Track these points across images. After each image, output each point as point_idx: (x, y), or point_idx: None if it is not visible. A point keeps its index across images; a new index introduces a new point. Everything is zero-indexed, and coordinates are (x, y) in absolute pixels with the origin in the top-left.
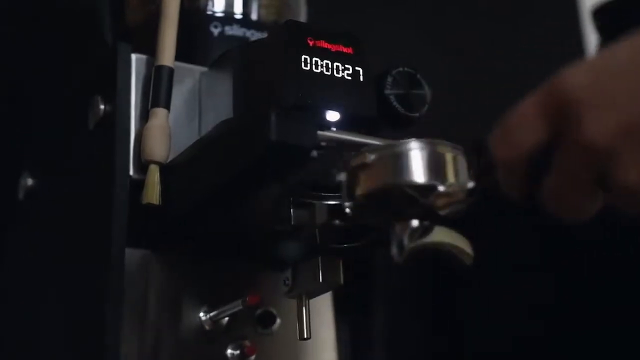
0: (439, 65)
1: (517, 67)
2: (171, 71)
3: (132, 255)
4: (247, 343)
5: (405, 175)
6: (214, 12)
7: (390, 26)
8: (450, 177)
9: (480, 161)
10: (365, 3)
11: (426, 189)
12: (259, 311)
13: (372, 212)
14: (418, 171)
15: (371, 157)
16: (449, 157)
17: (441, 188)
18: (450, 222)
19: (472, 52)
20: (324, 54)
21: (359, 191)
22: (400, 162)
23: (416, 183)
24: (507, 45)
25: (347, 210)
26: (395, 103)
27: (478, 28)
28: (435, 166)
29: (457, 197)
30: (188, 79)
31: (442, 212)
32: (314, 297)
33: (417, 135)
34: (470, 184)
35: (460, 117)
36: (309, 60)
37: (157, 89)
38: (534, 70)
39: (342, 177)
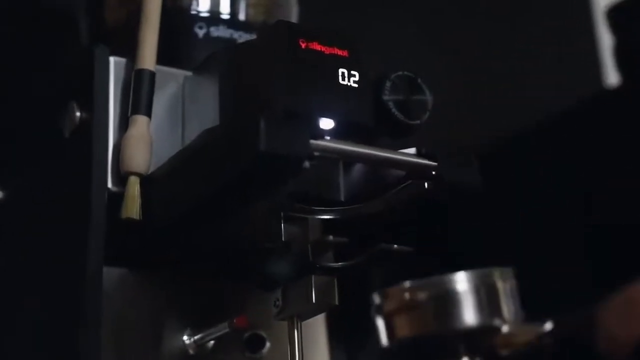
0: (442, 68)
1: (526, 70)
2: (152, 75)
3: (110, 274)
4: None
5: (457, 319)
6: (199, 12)
7: (389, 27)
8: (506, 312)
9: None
10: (362, 2)
11: (483, 332)
12: (247, 334)
13: (416, 354)
14: (470, 313)
15: (416, 296)
16: (501, 287)
17: (501, 327)
18: None
19: (478, 54)
20: (317, 57)
21: (404, 333)
22: (449, 304)
23: (471, 327)
24: (516, 48)
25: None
26: (394, 110)
27: (484, 29)
28: (489, 303)
29: (521, 338)
30: (171, 84)
31: (504, 352)
32: (307, 319)
33: (418, 144)
34: (546, 327)
35: (464, 124)
36: (301, 64)
37: (138, 94)
38: (545, 72)
39: (378, 316)
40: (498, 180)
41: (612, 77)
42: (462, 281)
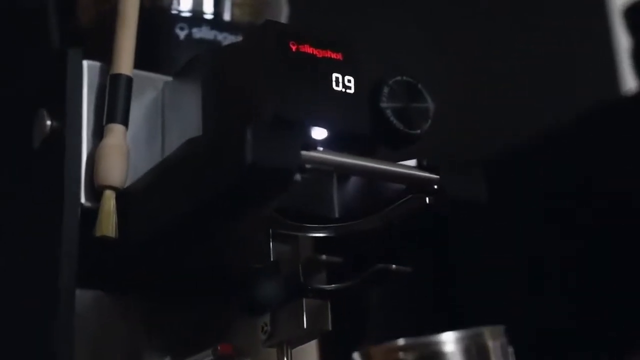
0: (444, 73)
1: (536, 74)
2: (129, 81)
3: (84, 296)
4: None
5: None
6: (180, 12)
7: (387, 28)
8: None
9: None
10: (357, 1)
11: None
12: None
13: None
14: None
15: (403, 357)
16: (491, 347)
17: None
18: None
19: (483, 57)
20: (308, 61)
21: None
22: None
23: None
24: (525, 50)
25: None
26: (392, 118)
27: (490, 30)
28: None
29: None
30: (149, 90)
31: None
32: (297, 346)
33: (418, 155)
34: None
35: (469, 134)
36: (291, 68)
37: (113, 101)
38: (556, 77)
39: None
40: (505, 193)
41: (629, 81)
42: (451, 342)
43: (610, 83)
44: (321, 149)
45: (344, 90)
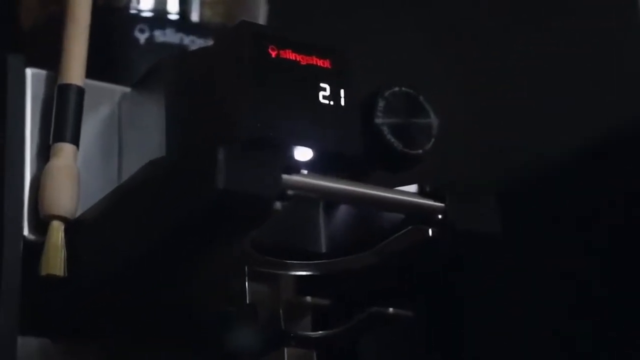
0: (450, 83)
1: (557, 86)
2: (81, 92)
3: (28, 344)
4: None
5: None
6: (140, 12)
7: (383, 31)
8: None
9: None
10: (349, 1)
11: None
12: None
13: None
14: None
15: None
16: None
17: None
18: None
19: (497, 66)
20: (291, 69)
21: None
22: None
23: None
24: (545, 58)
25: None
26: (389, 136)
27: (505, 35)
28: None
29: None
30: (104, 103)
31: None
32: None
33: (420, 180)
34: None
35: (480, 155)
36: (270, 77)
37: (62, 116)
38: (581, 90)
39: None
40: (522, 225)
41: None
42: None
43: None
44: (305, 172)
45: (332, 103)
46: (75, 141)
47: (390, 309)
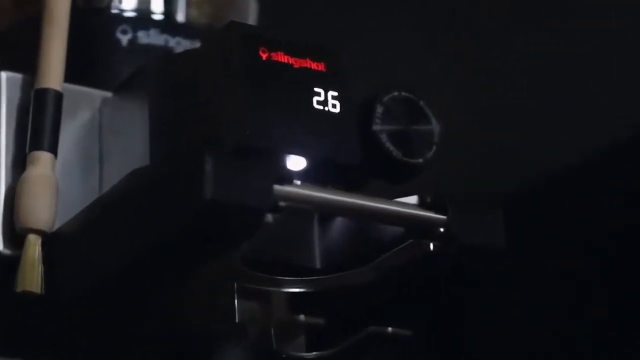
0: (453, 87)
1: (567, 89)
2: (59, 97)
3: None
4: None
5: None
6: (122, 12)
7: (382, 31)
8: None
9: None
10: (345, 0)
11: None
12: None
13: None
14: None
15: None
16: None
17: None
18: None
19: (503, 69)
20: (283, 72)
21: None
22: None
23: None
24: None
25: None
26: (388, 144)
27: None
28: None
29: None
30: (84, 109)
31: None
32: None
33: (421, 190)
34: None
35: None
36: (261, 81)
37: (39, 123)
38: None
39: None
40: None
41: None
42: None
43: None
44: (298, 182)
45: (327, 109)
46: (53, 149)
47: (389, 328)
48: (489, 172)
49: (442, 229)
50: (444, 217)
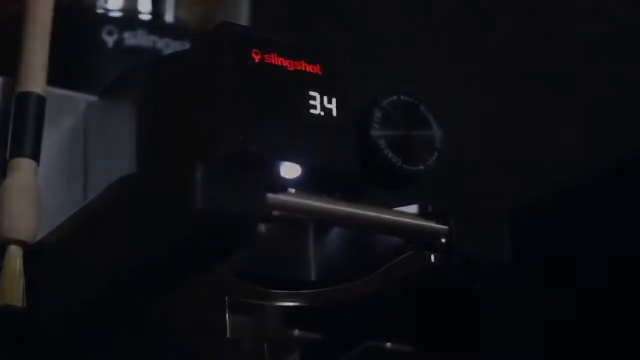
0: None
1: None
2: (42, 101)
3: None
4: None
5: None
6: (108, 12)
7: (381, 32)
8: None
9: None
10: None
11: None
12: None
13: None
14: None
15: None
16: None
17: None
18: None
19: (509, 69)
20: (277, 75)
21: None
22: None
23: None
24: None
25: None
26: (387, 150)
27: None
28: None
29: None
30: (68, 114)
31: None
32: None
33: (421, 199)
34: None
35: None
36: (254, 85)
37: (21, 128)
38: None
39: None
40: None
41: None
42: None
43: None
44: (293, 191)
45: (323, 114)
46: (36, 156)
47: (388, 344)
48: (495, 185)
49: (443, 240)
50: (446, 227)
